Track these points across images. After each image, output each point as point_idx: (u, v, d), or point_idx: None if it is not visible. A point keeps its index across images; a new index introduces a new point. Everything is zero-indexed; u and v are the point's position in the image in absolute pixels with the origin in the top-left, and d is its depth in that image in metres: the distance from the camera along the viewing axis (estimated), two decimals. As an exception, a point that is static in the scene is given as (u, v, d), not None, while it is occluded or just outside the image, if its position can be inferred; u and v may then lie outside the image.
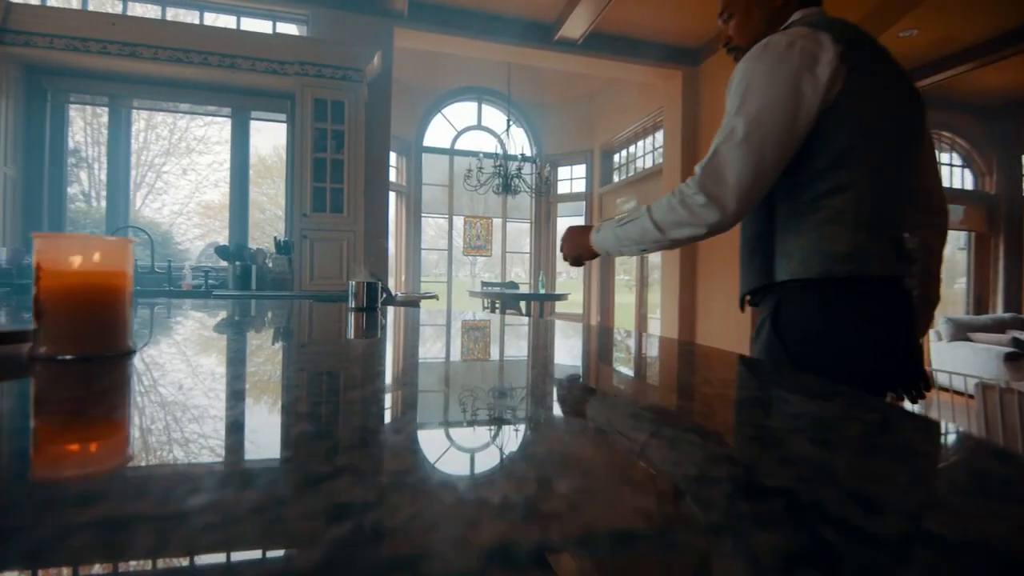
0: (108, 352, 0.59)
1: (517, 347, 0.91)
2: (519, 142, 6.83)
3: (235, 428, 0.35)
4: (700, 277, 4.85)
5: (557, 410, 0.44)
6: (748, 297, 1.01)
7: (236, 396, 0.44)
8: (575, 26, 4.47)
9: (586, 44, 4.67)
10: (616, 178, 6.73)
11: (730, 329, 4.38)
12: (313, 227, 3.61)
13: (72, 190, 4.34)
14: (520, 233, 7.76)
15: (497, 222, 7.22)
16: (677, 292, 4.94)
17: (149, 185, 5.09)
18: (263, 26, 4.07)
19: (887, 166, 0.88)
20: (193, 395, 0.44)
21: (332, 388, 0.50)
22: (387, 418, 0.38)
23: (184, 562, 0.17)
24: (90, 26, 3.31)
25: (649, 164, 6.00)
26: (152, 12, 3.92)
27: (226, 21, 4.01)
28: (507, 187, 5.63)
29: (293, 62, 3.56)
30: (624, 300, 6.87)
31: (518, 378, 0.60)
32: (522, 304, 5.98)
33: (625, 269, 7.09)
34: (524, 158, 5.77)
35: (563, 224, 7.52)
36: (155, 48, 3.39)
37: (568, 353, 0.83)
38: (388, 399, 0.44)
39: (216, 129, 5.59)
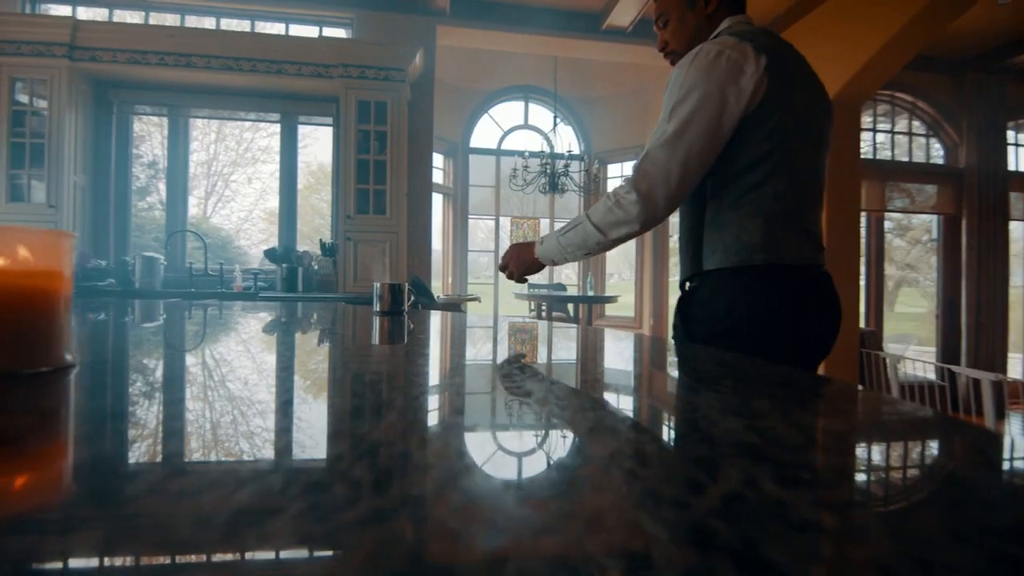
0: (32, 367, 0.49)
1: (522, 375, 0.75)
2: (566, 140, 6.64)
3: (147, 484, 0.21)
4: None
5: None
6: (688, 284, 1.09)
7: (144, 440, 0.31)
8: (624, 13, 4.24)
9: (636, 32, 4.43)
10: (670, 174, 6.40)
11: (798, 334, 3.99)
12: (356, 229, 3.60)
13: (151, 199, 4.68)
14: (568, 233, 7.53)
15: (545, 223, 7.05)
16: (737, 294, 4.58)
17: (219, 193, 5.36)
18: (310, 32, 4.12)
19: (802, 167, 0.96)
20: (119, 428, 0.32)
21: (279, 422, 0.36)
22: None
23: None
24: (149, 39, 3.44)
25: (706, 158, 5.65)
26: (208, 24, 4.05)
27: (276, 30, 4.08)
28: (554, 186, 5.45)
29: (336, 65, 3.56)
30: (679, 302, 6.52)
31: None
32: (570, 307, 5.79)
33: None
34: (571, 156, 5.58)
35: (613, 223, 7.25)
36: (208, 57, 3.49)
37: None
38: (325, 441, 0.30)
39: (279, 140, 5.99)
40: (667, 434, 0.37)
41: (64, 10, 3.85)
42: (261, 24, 4.06)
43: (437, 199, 6.38)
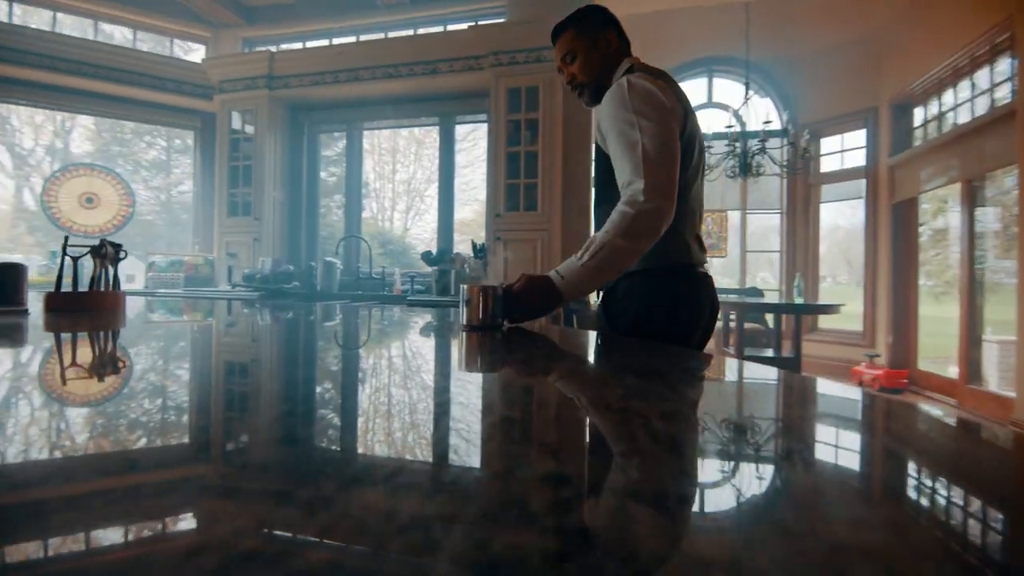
0: None
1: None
2: (762, 113, 5.50)
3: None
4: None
5: None
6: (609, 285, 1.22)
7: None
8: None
9: (867, -53, 3.28)
10: (918, 140, 4.77)
11: None
12: (506, 228, 3.32)
13: (365, 214, 5.32)
14: (766, 227, 6.29)
15: (734, 215, 5.96)
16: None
17: (416, 208, 5.82)
18: (467, 29, 4.02)
19: (694, 186, 1.15)
20: None
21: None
22: None
23: None
24: (325, 59, 3.70)
25: (981, 111, 4.01)
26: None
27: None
28: (745, 169, 4.47)
29: (487, 54, 3.35)
30: (932, 313, 4.81)
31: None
32: (769, 318, 4.69)
33: (927, 271, 4.97)
34: (768, 133, 4.51)
35: (828, 212, 5.78)
36: (371, 68, 3.60)
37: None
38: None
39: (464, 156, 6.48)
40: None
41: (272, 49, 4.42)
42: (423, 30, 4.10)
43: (605, 196, 5.87)
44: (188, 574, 0.15)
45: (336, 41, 4.30)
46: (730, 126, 4.42)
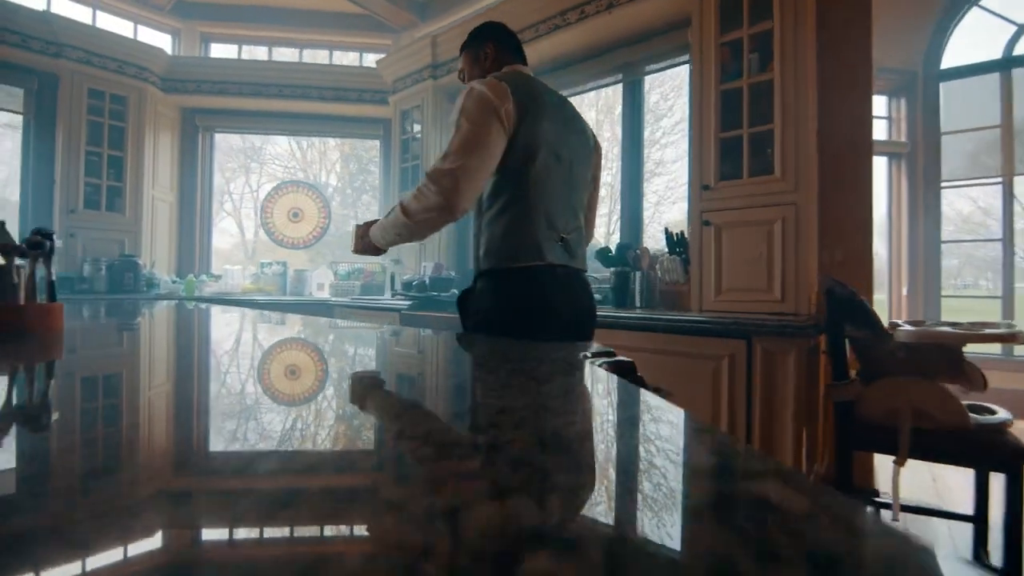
0: None
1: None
2: None
3: None
4: None
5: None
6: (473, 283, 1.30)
7: None
8: None
9: None
10: None
11: None
12: (720, 205, 2.20)
13: None
14: None
15: None
16: None
17: (617, 211, 5.38)
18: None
19: (554, 183, 1.20)
20: None
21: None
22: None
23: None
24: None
25: None
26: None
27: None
28: None
29: (687, -42, 2.32)
30: None
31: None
32: None
33: None
34: None
35: None
36: (536, 24, 2.93)
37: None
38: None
39: (671, 151, 5.91)
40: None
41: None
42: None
43: (879, 163, 4.08)
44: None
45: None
46: None
